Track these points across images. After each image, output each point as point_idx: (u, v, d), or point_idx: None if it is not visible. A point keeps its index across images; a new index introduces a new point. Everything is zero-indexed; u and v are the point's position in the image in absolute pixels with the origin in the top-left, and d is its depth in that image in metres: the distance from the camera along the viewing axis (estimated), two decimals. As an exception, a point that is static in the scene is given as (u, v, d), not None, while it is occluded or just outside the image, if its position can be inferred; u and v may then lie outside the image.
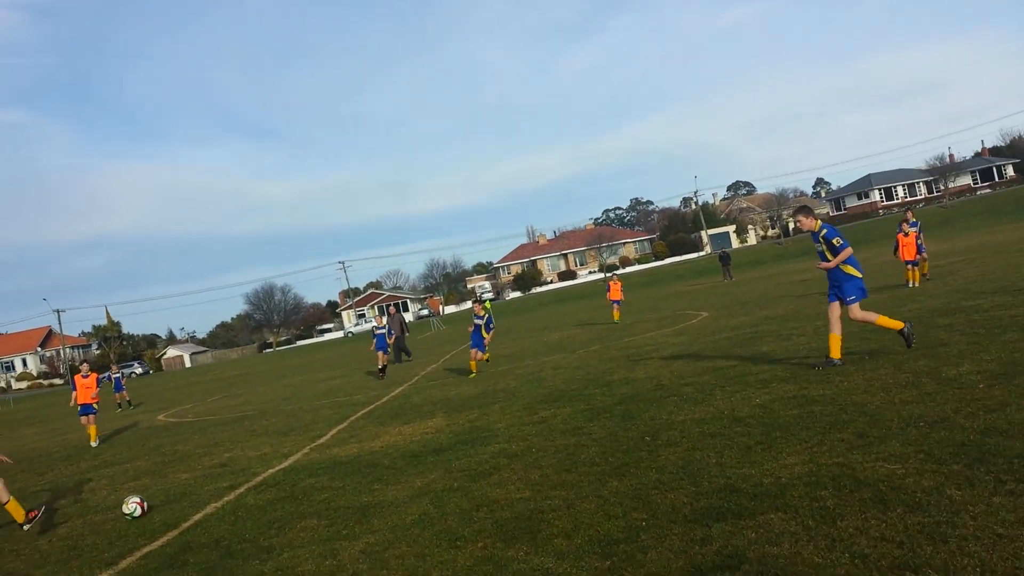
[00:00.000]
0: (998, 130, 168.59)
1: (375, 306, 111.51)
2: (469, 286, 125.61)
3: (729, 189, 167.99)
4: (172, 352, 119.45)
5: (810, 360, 11.06)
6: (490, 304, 18.96)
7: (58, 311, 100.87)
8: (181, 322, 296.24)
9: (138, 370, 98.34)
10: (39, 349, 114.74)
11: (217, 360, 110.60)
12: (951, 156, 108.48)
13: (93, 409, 18.18)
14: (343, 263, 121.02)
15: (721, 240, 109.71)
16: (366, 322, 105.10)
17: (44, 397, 70.56)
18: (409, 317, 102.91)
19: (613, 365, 15.06)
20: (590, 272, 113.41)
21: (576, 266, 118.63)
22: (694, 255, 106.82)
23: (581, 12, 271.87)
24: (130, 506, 8.84)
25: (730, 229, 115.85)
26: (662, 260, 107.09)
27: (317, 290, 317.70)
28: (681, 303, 33.95)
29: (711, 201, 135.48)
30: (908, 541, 4.40)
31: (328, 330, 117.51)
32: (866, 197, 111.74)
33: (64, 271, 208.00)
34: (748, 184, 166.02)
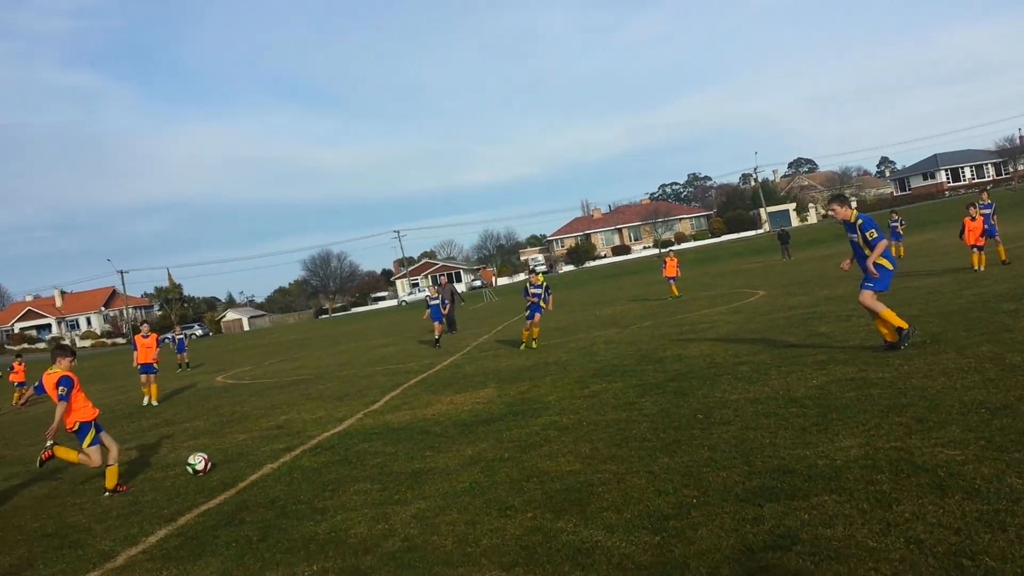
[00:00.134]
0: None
1: (428, 276, 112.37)
2: (522, 258, 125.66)
3: (790, 166, 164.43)
4: (231, 315, 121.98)
5: (869, 343, 10.84)
6: (543, 277, 18.81)
7: (122, 272, 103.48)
8: (240, 286, 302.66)
9: (198, 332, 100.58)
10: (103, 309, 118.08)
11: (274, 324, 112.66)
12: (1021, 138, 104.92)
13: (154, 369, 18.69)
14: (398, 232, 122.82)
15: (780, 218, 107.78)
16: (419, 291, 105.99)
17: (107, 356, 72.73)
18: (461, 288, 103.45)
19: (666, 341, 14.96)
20: (644, 247, 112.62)
21: (630, 241, 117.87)
22: (752, 233, 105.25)
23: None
24: (196, 458, 9.16)
25: (790, 207, 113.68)
26: (719, 237, 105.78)
27: (372, 258, 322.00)
28: (737, 281, 33.52)
29: (771, 178, 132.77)
30: (965, 528, 4.32)
31: (382, 298, 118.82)
32: (932, 178, 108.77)
33: (128, 233, 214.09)
34: (810, 161, 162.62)
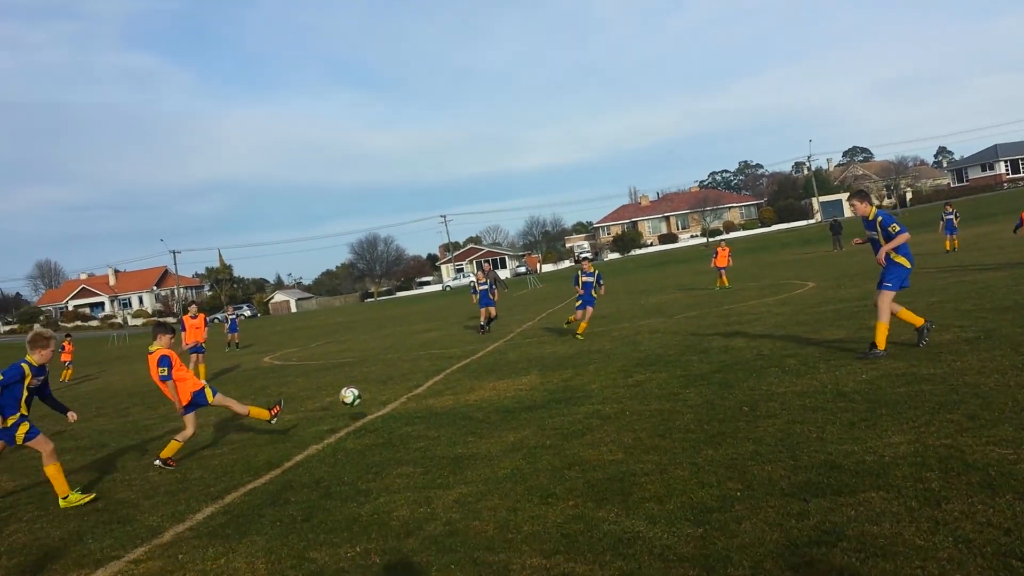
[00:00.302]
0: None
1: (473, 261, 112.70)
2: (567, 245, 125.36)
3: (845, 155, 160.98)
4: (279, 297, 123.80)
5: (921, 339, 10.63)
6: (580, 270, 18.57)
7: (174, 252, 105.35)
8: (289, 268, 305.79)
9: (247, 313, 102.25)
10: (155, 288, 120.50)
11: (321, 307, 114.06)
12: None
13: (202, 348, 19.05)
14: (445, 217, 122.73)
15: (833, 208, 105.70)
16: (464, 276, 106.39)
17: (160, 334, 74.22)
18: (506, 274, 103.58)
19: (712, 332, 14.82)
20: (692, 236, 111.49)
21: (678, 229, 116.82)
22: (803, 223, 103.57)
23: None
24: (349, 394, 10.00)
25: (843, 197, 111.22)
26: (768, 227, 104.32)
27: (418, 242, 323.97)
28: (787, 272, 33.05)
29: (825, 167, 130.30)
30: (1016, 528, 4.24)
31: (427, 283, 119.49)
32: (990, 169, 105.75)
33: (181, 213, 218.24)
34: (865, 150, 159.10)
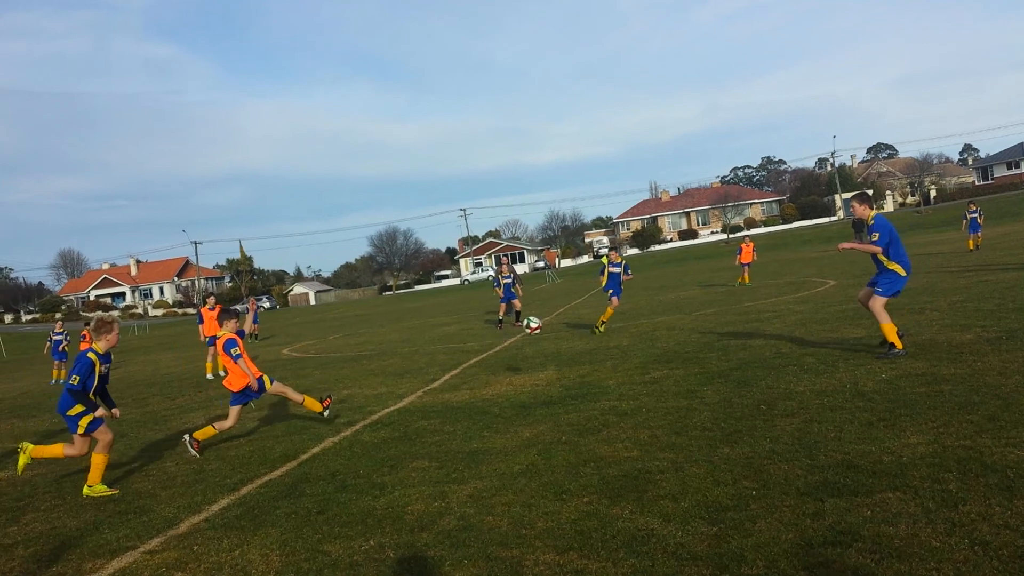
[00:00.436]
0: None
1: (492, 255, 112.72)
2: (587, 240, 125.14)
3: (869, 151, 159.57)
4: (298, 289, 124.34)
5: (941, 337, 10.54)
6: (607, 260, 18.47)
7: (195, 243, 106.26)
8: (309, 260, 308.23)
9: (266, 304, 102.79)
10: (176, 279, 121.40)
11: (339, 299, 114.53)
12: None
13: (221, 339, 19.12)
14: (464, 210, 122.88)
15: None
16: (483, 271, 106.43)
17: (178, 325, 74.93)
18: (525, 269, 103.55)
19: (730, 329, 14.75)
20: (712, 232, 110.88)
21: (698, 225, 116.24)
22: (825, 220, 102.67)
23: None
24: (534, 321, 12.24)
25: (867, 194, 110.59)
26: (790, 223, 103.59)
27: (437, 236, 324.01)
28: (807, 270, 32.82)
29: (848, 163, 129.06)
30: (1034, 532, 4.19)
31: (445, 276, 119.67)
32: (1017, 167, 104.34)
33: (203, 204, 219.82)
34: (890, 147, 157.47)
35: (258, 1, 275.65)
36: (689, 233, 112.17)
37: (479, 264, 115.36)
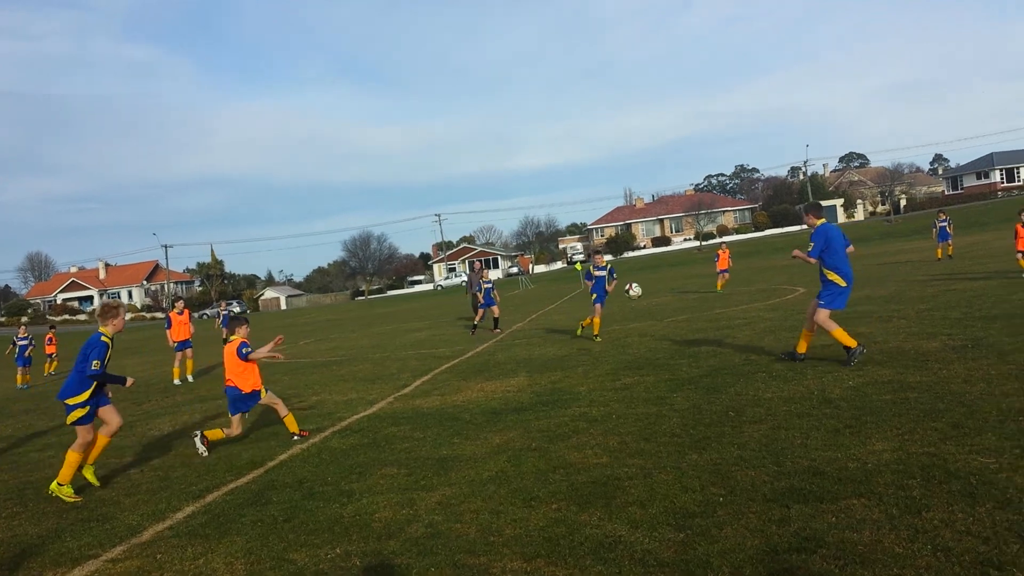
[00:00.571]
0: None
1: (466, 261, 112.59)
2: (561, 246, 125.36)
3: (841, 160, 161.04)
4: (270, 294, 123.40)
5: (908, 345, 10.66)
6: (581, 266, 18.37)
7: (166, 246, 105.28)
8: (281, 264, 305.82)
9: (236, 309, 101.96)
10: (145, 283, 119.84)
11: (311, 304, 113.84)
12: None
13: (190, 343, 18.94)
14: (439, 215, 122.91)
15: (828, 214, 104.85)
16: (456, 276, 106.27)
17: (146, 329, 73.93)
18: (498, 274, 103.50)
19: (701, 336, 14.83)
20: (685, 239, 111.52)
21: (671, 232, 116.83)
22: (797, 228, 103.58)
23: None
24: (634, 290, 12.90)
25: (838, 203, 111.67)
26: (762, 231, 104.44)
27: (411, 241, 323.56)
28: (778, 277, 33.10)
29: (821, 172, 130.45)
30: (995, 537, 4.25)
31: (419, 281, 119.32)
32: (986, 177, 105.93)
33: (174, 207, 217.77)
34: (861, 156, 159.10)
35: (238, 4, 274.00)
36: (662, 240, 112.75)
37: (453, 269, 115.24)
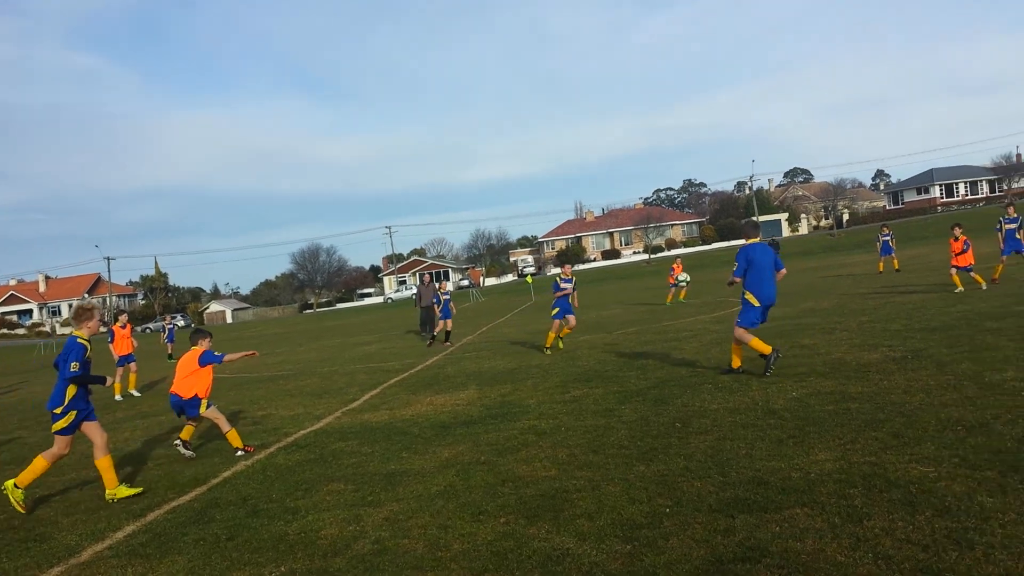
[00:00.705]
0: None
1: (416, 273, 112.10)
2: (512, 259, 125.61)
3: (786, 176, 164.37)
4: (215, 307, 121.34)
5: (850, 356, 10.87)
6: (532, 279, 18.49)
7: (108, 259, 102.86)
8: (227, 277, 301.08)
9: (180, 323, 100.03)
10: (86, 296, 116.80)
11: (258, 318, 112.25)
12: (1019, 155, 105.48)
13: (133, 358, 18.53)
14: (389, 228, 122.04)
15: (772, 228, 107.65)
16: (406, 288, 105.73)
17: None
18: (449, 287, 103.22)
19: (649, 348, 14.96)
20: (635, 252, 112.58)
21: (621, 245, 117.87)
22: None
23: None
24: (683, 277, 11.36)
25: (782, 217, 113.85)
26: (709, 244, 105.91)
27: (362, 253, 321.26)
28: (724, 290, 33.54)
29: (766, 187, 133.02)
30: (934, 545, 4.33)
31: (369, 294, 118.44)
32: (926, 192, 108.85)
33: (117, 219, 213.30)
34: (806, 172, 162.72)
35: (187, 14, 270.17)
36: (612, 253, 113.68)
37: (403, 282, 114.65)
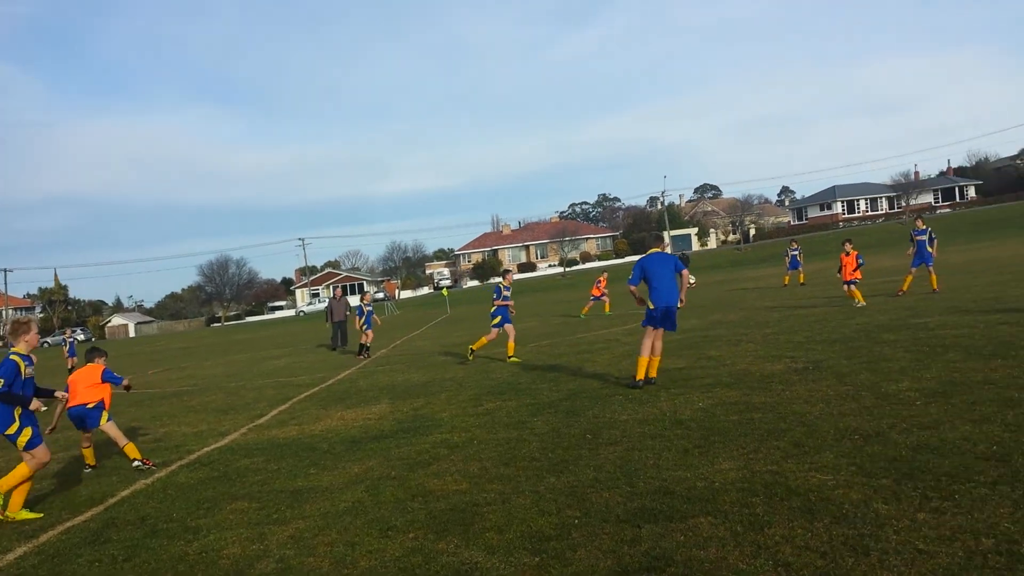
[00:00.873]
0: (966, 151, 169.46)
1: (330, 286, 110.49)
2: (428, 271, 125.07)
3: (696, 191, 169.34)
4: (117, 320, 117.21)
5: (755, 367, 11.17)
6: (447, 292, 18.39)
7: (5, 270, 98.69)
8: (131, 290, 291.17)
9: (80, 336, 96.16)
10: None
11: (162, 332, 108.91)
12: (916, 173, 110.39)
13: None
14: (303, 240, 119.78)
15: (682, 242, 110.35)
16: (319, 301, 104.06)
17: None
18: (357, 301, 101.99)
19: (562, 361, 15.07)
20: (550, 265, 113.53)
21: (537, 258, 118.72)
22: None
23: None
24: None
25: (692, 231, 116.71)
26: (622, 258, 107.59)
27: (273, 266, 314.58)
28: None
29: (677, 202, 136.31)
30: (831, 552, 4.45)
31: (280, 307, 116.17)
32: (828, 208, 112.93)
33: (15, 229, 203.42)
34: (715, 188, 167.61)
35: (96, 20, 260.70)
36: (528, 266, 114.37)
37: (316, 295, 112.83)
